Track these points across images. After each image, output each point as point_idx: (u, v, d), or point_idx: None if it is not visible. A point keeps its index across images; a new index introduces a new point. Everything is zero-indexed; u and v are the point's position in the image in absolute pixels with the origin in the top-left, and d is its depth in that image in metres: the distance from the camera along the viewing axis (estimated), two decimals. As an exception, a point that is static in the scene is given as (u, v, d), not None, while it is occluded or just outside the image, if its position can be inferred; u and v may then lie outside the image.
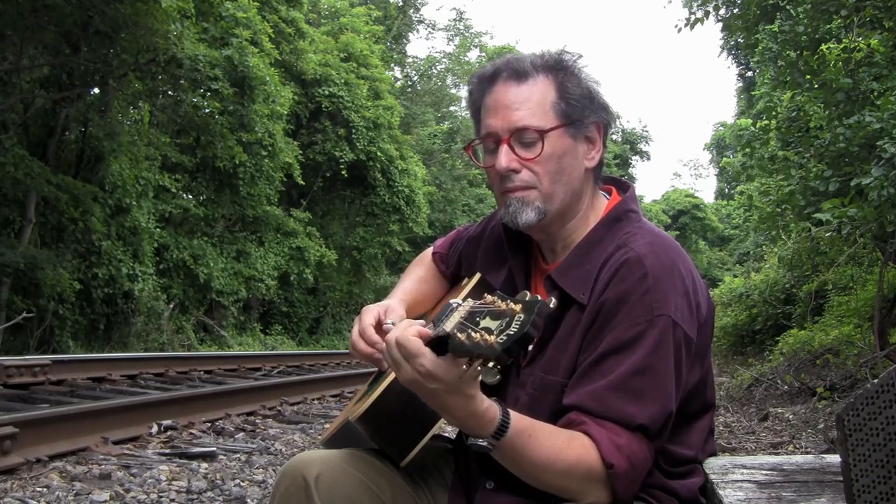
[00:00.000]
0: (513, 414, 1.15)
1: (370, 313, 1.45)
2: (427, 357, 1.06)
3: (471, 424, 1.12)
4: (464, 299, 1.22)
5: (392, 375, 1.27)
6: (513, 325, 0.97)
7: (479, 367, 0.99)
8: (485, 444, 1.14)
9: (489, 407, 1.12)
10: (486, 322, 1.01)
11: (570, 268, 1.33)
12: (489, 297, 1.07)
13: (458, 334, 0.98)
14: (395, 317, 1.45)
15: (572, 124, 1.32)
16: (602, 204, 1.42)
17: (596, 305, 1.26)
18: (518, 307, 1.00)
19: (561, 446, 1.17)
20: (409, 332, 1.09)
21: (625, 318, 1.23)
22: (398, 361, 1.10)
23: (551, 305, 1.01)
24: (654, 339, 1.21)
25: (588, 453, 1.17)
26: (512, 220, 1.33)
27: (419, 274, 1.65)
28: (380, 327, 1.43)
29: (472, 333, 0.97)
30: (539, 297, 1.00)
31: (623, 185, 1.46)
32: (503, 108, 1.31)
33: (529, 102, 1.30)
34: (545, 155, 1.30)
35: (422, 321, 1.29)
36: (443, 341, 1.03)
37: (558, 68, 1.33)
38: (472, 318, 1.04)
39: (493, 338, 0.96)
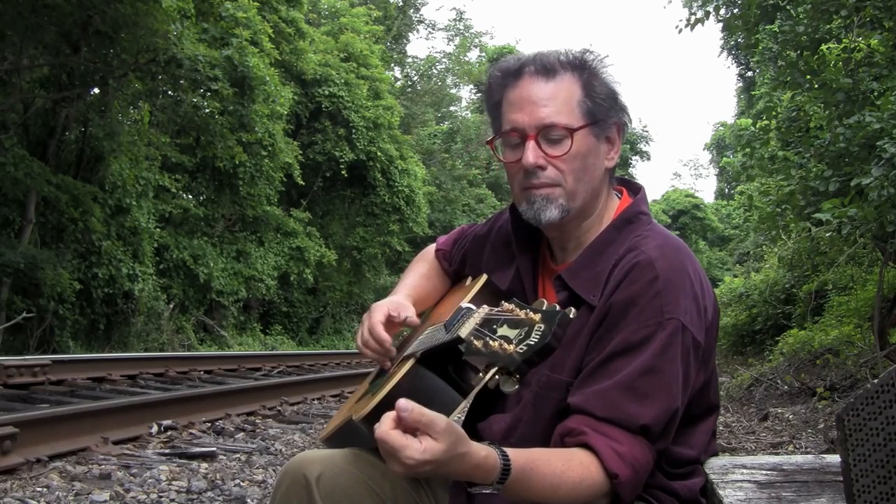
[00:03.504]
0: (510, 452, 1.12)
1: (380, 310, 1.45)
2: (411, 447, 1.02)
3: (476, 476, 1.09)
4: (472, 301, 1.21)
5: (398, 376, 1.27)
6: (533, 334, 0.96)
7: (497, 377, 0.97)
8: (488, 490, 1.11)
9: (488, 454, 1.09)
10: (504, 330, 1.00)
11: (581, 269, 1.33)
12: (507, 305, 1.06)
13: (475, 341, 0.97)
14: (407, 312, 1.45)
15: (597, 124, 1.32)
16: (614, 204, 1.42)
17: (605, 307, 1.26)
18: (537, 317, 0.99)
19: (563, 469, 1.15)
20: (385, 426, 1.03)
21: (634, 321, 1.22)
22: (387, 457, 1.06)
23: (571, 316, 1.00)
24: (663, 342, 1.21)
25: (588, 471, 1.17)
26: (535, 216, 1.33)
27: (423, 270, 1.65)
28: (390, 324, 1.43)
29: (490, 341, 0.96)
30: (558, 307, 0.99)
31: (634, 187, 1.47)
32: (530, 103, 1.31)
33: (557, 99, 1.30)
34: (572, 153, 1.30)
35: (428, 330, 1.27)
36: (454, 345, 1.02)
37: (584, 67, 1.34)
38: (488, 325, 1.03)
39: (512, 347, 0.95)
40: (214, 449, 4.28)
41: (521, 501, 1.18)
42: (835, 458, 1.35)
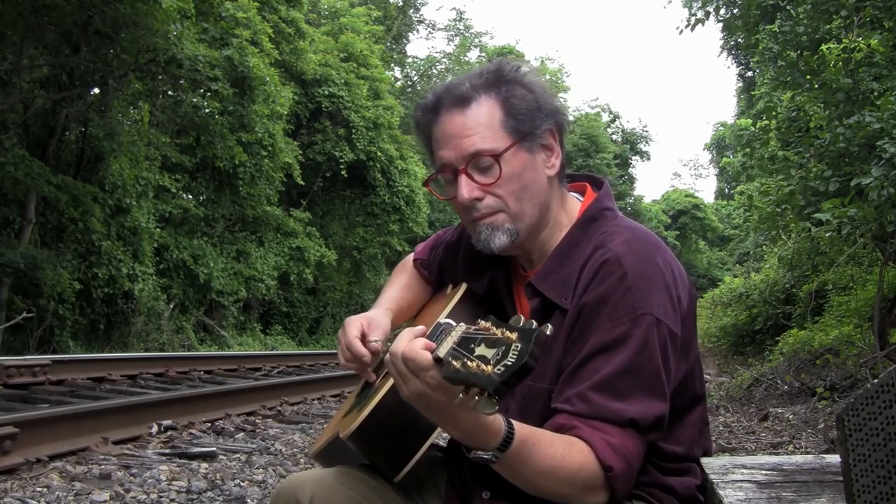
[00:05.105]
0: (514, 423, 1.12)
1: (353, 325, 1.45)
2: (437, 370, 1.02)
3: (478, 436, 1.09)
4: (452, 312, 1.20)
5: (382, 391, 1.26)
6: (510, 354, 0.95)
7: (476, 398, 0.96)
8: (488, 455, 1.11)
9: (496, 418, 1.09)
10: (482, 350, 0.98)
11: (550, 273, 1.31)
12: (483, 323, 1.04)
13: (453, 361, 0.96)
14: (378, 332, 1.45)
15: (525, 138, 1.29)
16: (574, 206, 1.39)
17: (577, 308, 1.25)
18: (514, 335, 0.97)
19: (563, 454, 1.15)
20: (417, 345, 1.06)
21: (607, 319, 1.21)
22: (405, 375, 1.07)
23: (548, 332, 0.99)
24: (639, 339, 1.20)
25: (588, 459, 1.16)
26: (486, 247, 1.31)
27: (403, 281, 1.65)
28: (364, 340, 1.43)
29: (468, 362, 0.95)
30: (534, 324, 0.98)
31: (596, 182, 1.44)
32: (452, 137, 1.28)
33: (478, 126, 1.26)
34: (505, 177, 1.27)
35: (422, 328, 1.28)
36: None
37: (500, 83, 1.30)
38: (465, 345, 1.01)
39: (489, 368, 0.94)
40: (214, 449, 4.28)
41: (516, 480, 1.17)
42: (835, 458, 1.35)
